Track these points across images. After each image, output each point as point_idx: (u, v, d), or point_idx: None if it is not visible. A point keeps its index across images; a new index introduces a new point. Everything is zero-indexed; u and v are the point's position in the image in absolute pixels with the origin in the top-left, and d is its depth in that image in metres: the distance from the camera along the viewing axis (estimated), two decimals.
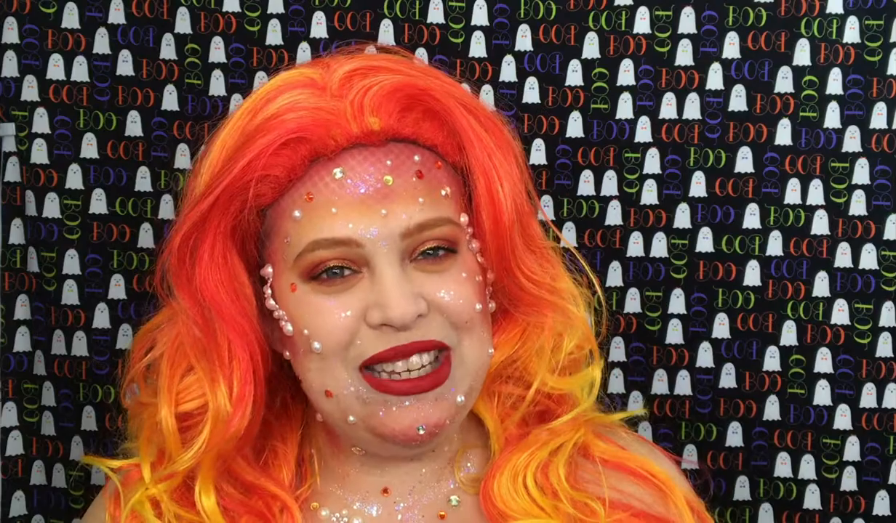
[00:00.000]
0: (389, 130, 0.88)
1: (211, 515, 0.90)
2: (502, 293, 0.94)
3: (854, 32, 1.33)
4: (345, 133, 0.87)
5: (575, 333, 0.96)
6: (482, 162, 0.89)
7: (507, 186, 0.90)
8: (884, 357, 1.35)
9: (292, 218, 0.87)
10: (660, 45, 1.35)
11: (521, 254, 0.92)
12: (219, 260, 0.88)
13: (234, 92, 1.35)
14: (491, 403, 0.97)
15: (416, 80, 0.89)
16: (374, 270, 0.87)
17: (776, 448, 1.37)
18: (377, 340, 0.86)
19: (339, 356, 0.87)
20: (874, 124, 1.34)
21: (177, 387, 0.91)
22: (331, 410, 0.89)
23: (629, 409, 1.36)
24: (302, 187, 0.87)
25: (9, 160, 1.33)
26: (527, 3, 1.35)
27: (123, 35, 1.34)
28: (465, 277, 0.89)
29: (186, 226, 0.87)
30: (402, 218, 0.86)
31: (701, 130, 1.35)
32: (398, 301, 0.85)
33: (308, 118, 0.86)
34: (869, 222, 1.34)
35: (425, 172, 0.89)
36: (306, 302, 0.87)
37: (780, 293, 1.36)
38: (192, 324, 0.90)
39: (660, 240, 1.36)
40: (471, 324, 0.89)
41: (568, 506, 0.91)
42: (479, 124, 0.90)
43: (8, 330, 1.33)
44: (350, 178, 0.87)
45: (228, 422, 0.88)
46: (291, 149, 0.86)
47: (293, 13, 1.35)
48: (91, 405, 1.36)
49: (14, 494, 1.34)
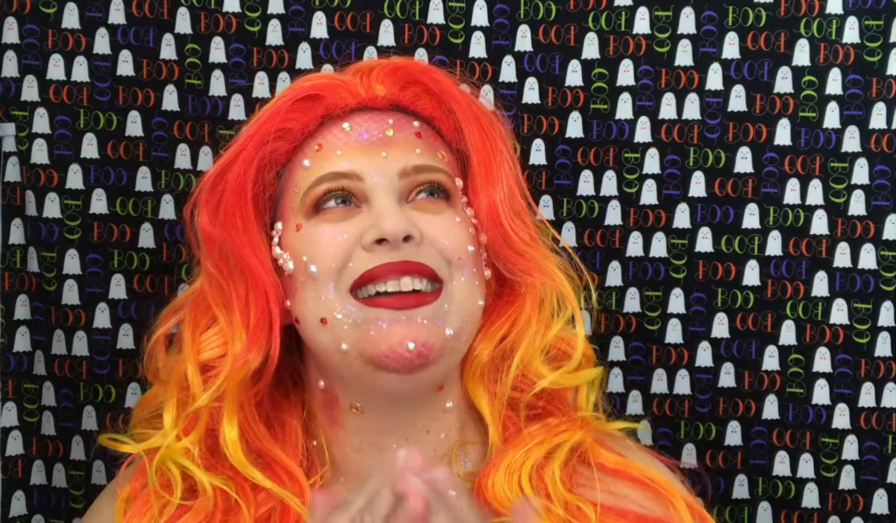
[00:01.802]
0: (392, 98, 1.00)
1: (232, 447, 0.95)
2: (494, 255, 0.99)
3: (854, 32, 1.33)
4: (353, 94, 0.99)
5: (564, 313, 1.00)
6: (477, 138, 0.99)
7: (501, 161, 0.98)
8: (883, 356, 1.35)
9: (302, 167, 0.98)
10: (659, 46, 1.35)
11: (511, 218, 0.98)
12: (239, 205, 0.96)
13: (234, 92, 1.35)
14: (490, 397, 1.00)
15: (417, 63, 1.05)
16: (371, 202, 0.95)
17: (775, 447, 1.37)
18: (370, 259, 0.92)
19: (332, 279, 0.93)
20: (874, 124, 1.34)
21: (198, 340, 0.98)
22: (325, 343, 0.94)
23: (628, 409, 1.36)
24: (313, 141, 0.98)
25: (9, 160, 1.33)
26: (527, 3, 1.35)
27: (123, 35, 1.34)
28: (459, 222, 0.97)
29: (214, 172, 0.97)
30: (400, 159, 0.96)
31: (700, 130, 1.36)
32: (392, 217, 0.92)
33: (323, 82, 1.00)
34: (868, 222, 1.34)
35: (424, 136, 1.00)
36: (308, 235, 0.95)
37: (779, 293, 1.36)
38: (213, 267, 0.97)
39: (659, 240, 1.36)
40: (463, 261, 0.95)
41: (559, 508, 0.92)
42: (474, 106, 1.01)
43: (8, 330, 1.33)
44: (355, 130, 0.98)
45: (245, 355, 0.94)
46: (306, 106, 0.98)
47: (293, 13, 1.35)
48: (91, 405, 1.36)
49: (14, 494, 1.34)
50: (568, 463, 0.97)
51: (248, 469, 0.94)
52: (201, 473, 0.95)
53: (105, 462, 1.35)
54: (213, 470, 0.96)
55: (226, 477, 0.95)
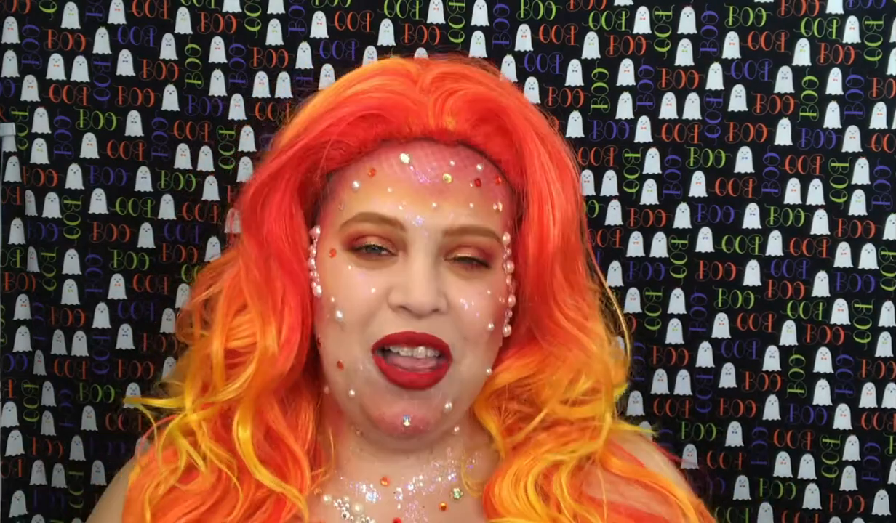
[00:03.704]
0: (461, 134, 0.94)
1: (244, 447, 0.95)
2: (532, 319, 0.96)
3: (854, 32, 1.33)
4: (421, 124, 0.93)
5: (592, 375, 0.98)
6: (540, 188, 0.93)
7: (559, 216, 0.93)
8: (883, 357, 1.35)
9: (351, 187, 0.93)
10: (660, 45, 1.35)
11: (559, 286, 0.95)
12: (285, 211, 0.94)
13: (234, 92, 1.35)
14: (497, 416, 1.00)
15: (498, 96, 0.94)
16: (408, 255, 0.91)
17: (776, 447, 1.37)
18: (393, 322, 0.91)
19: (356, 332, 0.92)
20: (874, 124, 1.34)
21: (230, 323, 0.97)
22: (338, 381, 0.94)
23: (629, 409, 1.36)
24: (368, 162, 0.93)
25: (9, 160, 1.33)
26: (527, 3, 1.35)
27: (123, 35, 1.34)
28: (490, 294, 0.93)
29: (264, 175, 0.94)
30: (449, 215, 0.91)
31: (701, 130, 1.35)
32: (422, 288, 0.89)
33: (391, 101, 0.92)
34: (869, 222, 1.34)
35: (484, 183, 0.94)
36: (340, 269, 0.93)
37: (779, 293, 1.36)
38: (254, 266, 0.95)
39: (660, 240, 1.36)
40: (478, 340, 0.93)
41: (567, 518, 0.93)
42: (545, 152, 0.95)
43: (8, 330, 1.33)
44: (413, 166, 0.92)
45: (273, 362, 0.94)
46: (368, 124, 0.93)
47: (293, 13, 1.35)
48: (91, 405, 1.35)
49: (14, 494, 1.34)
50: (578, 472, 0.97)
51: (255, 466, 0.95)
52: (207, 448, 0.96)
53: (105, 462, 1.35)
54: (222, 443, 0.97)
55: (232, 455, 0.96)
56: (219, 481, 0.96)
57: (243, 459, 0.95)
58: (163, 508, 0.96)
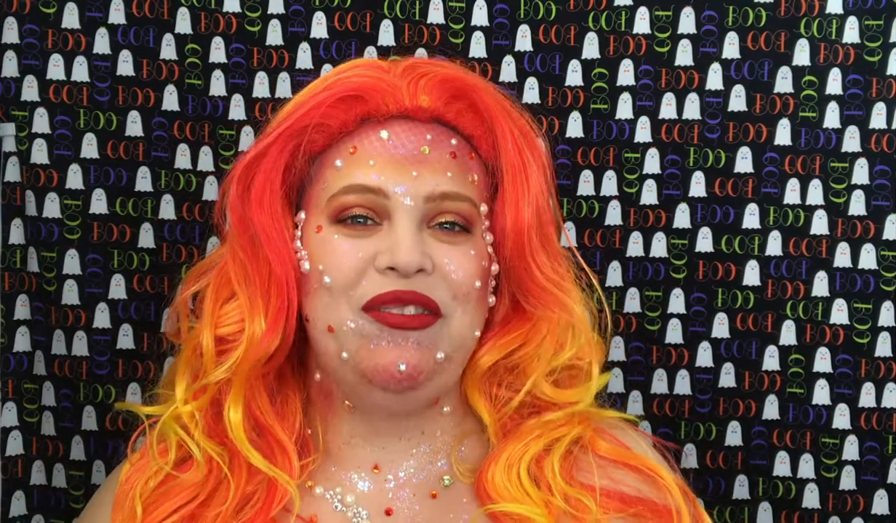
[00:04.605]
0: (435, 111, 0.99)
1: (236, 431, 0.97)
2: (515, 283, 1.00)
3: (854, 32, 1.33)
4: (397, 103, 0.98)
5: (576, 341, 1.02)
6: (512, 159, 0.98)
7: (532, 185, 0.98)
8: (883, 356, 1.35)
9: (334, 166, 0.98)
10: (660, 46, 1.35)
11: (535, 248, 0.99)
12: (269, 192, 0.97)
13: (235, 92, 1.35)
14: (488, 402, 1.02)
15: (467, 77, 1.01)
16: (392, 222, 0.95)
17: (775, 447, 1.37)
18: (381, 283, 0.94)
19: (344, 294, 0.94)
20: (874, 124, 1.34)
21: (218, 312, 1.00)
22: (329, 347, 0.96)
23: (629, 409, 1.36)
24: (349, 141, 0.98)
25: (9, 160, 1.33)
26: (527, 3, 1.35)
27: (123, 35, 1.34)
28: (473, 255, 0.97)
29: (249, 156, 0.97)
30: (430, 183, 0.96)
31: (701, 130, 1.36)
32: (407, 248, 0.93)
33: (369, 83, 0.98)
34: (868, 222, 1.34)
35: (459, 156, 0.99)
36: (327, 241, 0.96)
37: (779, 293, 1.36)
38: (239, 249, 0.98)
39: (659, 240, 1.36)
40: (468, 297, 0.96)
41: (559, 500, 0.94)
42: (515, 128, 0.99)
43: (8, 330, 1.33)
44: (392, 140, 0.97)
45: (261, 341, 0.96)
46: (348, 105, 0.98)
47: (293, 13, 1.35)
48: (91, 405, 1.36)
49: (14, 494, 1.34)
50: (568, 456, 0.99)
51: (247, 449, 0.96)
52: (198, 440, 0.97)
53: (105, 462, 1.36)
54: (213, 438, 0.98)
55: (223, 448, 0.98)
56: (210, 473, 0.97)
57: (235, 443, 0.96)
58: (154, 502, 0.97)
